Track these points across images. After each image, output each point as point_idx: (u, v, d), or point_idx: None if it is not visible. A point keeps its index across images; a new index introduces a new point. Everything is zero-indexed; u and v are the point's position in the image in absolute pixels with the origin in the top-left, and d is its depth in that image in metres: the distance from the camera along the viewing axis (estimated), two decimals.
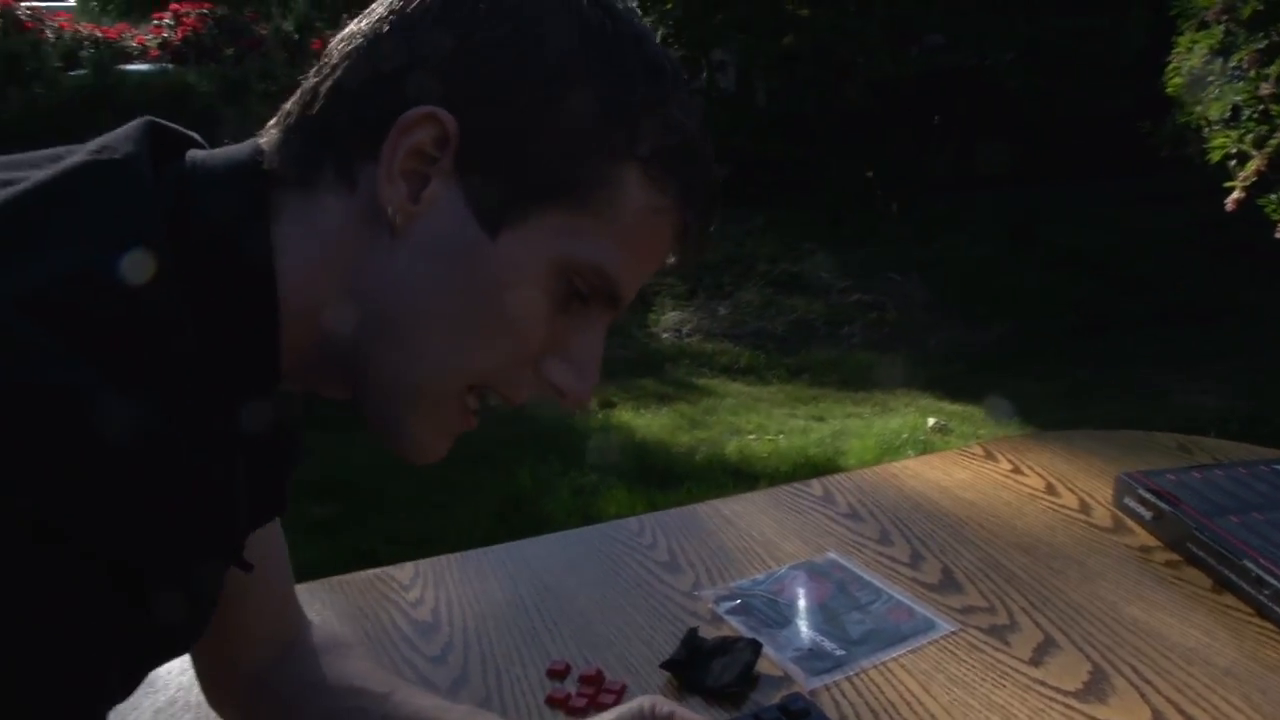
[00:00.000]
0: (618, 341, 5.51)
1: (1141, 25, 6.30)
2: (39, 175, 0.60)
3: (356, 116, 0.67)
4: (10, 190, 0.59)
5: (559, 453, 3.94)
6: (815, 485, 1.50)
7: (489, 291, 0.67)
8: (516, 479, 3.69)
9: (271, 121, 0.70)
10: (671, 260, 0.73)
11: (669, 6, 7.09)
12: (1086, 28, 6.26)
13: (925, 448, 3.88)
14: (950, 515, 1.40)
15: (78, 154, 0.63)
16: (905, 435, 4.08)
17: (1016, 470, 1.54)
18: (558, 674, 1.08)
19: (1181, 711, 1.02)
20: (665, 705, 0.89)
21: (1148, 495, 1.36)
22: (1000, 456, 1.58)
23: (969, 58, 6.75)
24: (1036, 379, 4.94)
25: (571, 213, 0.67)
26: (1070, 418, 3.79)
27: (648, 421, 4.42)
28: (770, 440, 4.10)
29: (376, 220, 0.67)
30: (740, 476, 3.73)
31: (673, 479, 3.74)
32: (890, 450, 3.87)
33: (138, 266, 0.59)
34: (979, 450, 1.61)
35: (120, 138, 0.65)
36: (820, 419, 4.43)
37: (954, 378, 4.99)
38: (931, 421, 4.23)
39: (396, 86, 0.66)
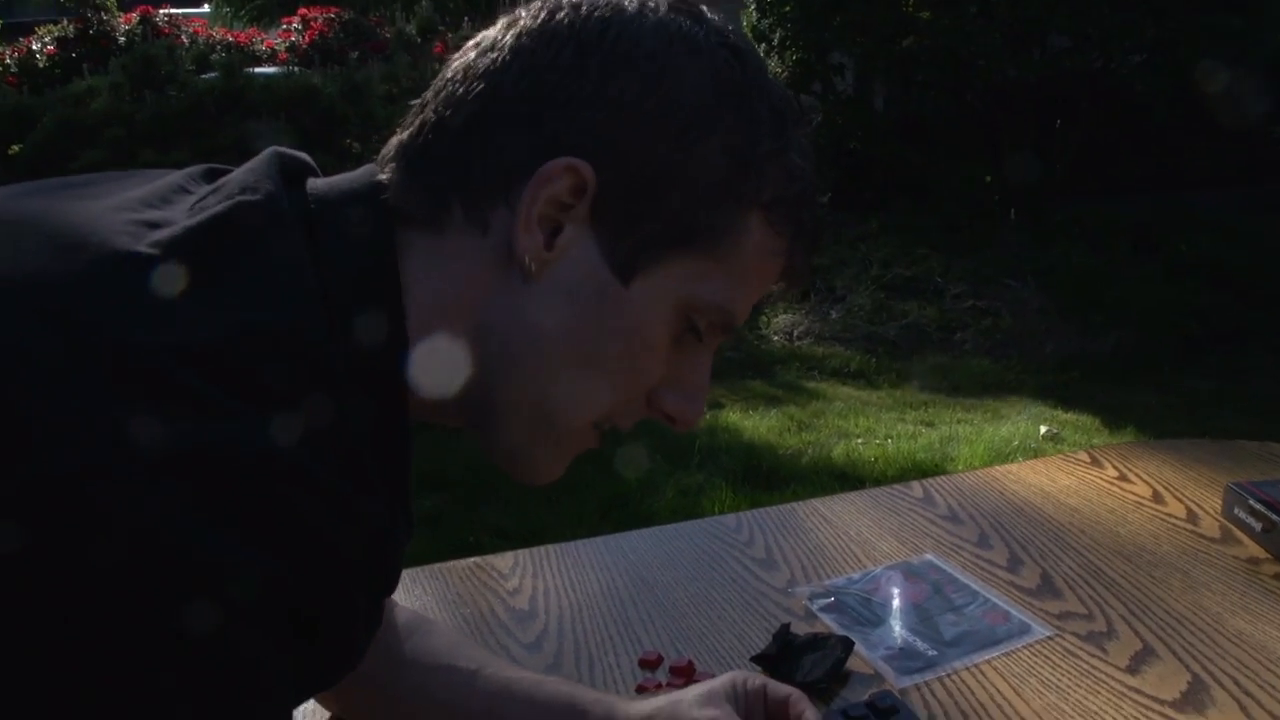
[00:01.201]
0: (728, 344, 5.51)
1: (1278, 24, 6.09)
2: (186, 221, 0.61)
3: (489, 160, 0.68)
4: (160, 235, 0.60)
5: (666, 452, 3.96)
6: (915, 487, 1.49)
7: (621, 334, 0.70)
8: (624, 480, 3.71)
9: (388, 150, 0.72)
10: (777, 288, 0.76)
11: (787, 9, 7.05)
12: (1219, 27, 6.06)
13: (1036, 455, 3.81)
14: (1052, 520, 1.38)
15: (219, 197, 0.64)
16: (1016, 442, 4.01)
17: (1123, 477, 1.51)
18: (649, 664, 1.09)
19: None
20: (756, 679, 0.90)
21: (1258, 506, 1.32)
22: (1107, 463, 1.56)
23: (1094, 60, 6.59)
24: (1154, 390, 4.82)
25: (700, 257, 0.69)
26: (1187, 429, 3.68)
27: (755, 423, 4.41)
28: (878, 445, 4.07)
29: (509, 264, 0.68)
30: (845, 480, 3.70)
31: (778, 481, 3.74)
32: (1000, 457, 3.81)
33: (306, 322, 0.60)
34: (1085, 457, 1.59)
35: (258, 174, 0.66)
36: (929, 424, 4.38)
37: (1068, 386, 4.89)
38: (1044, 429, 4.16)
39: (533, 130, 0.67)
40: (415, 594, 1.22)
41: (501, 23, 0.72)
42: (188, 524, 0.51)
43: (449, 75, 0.71)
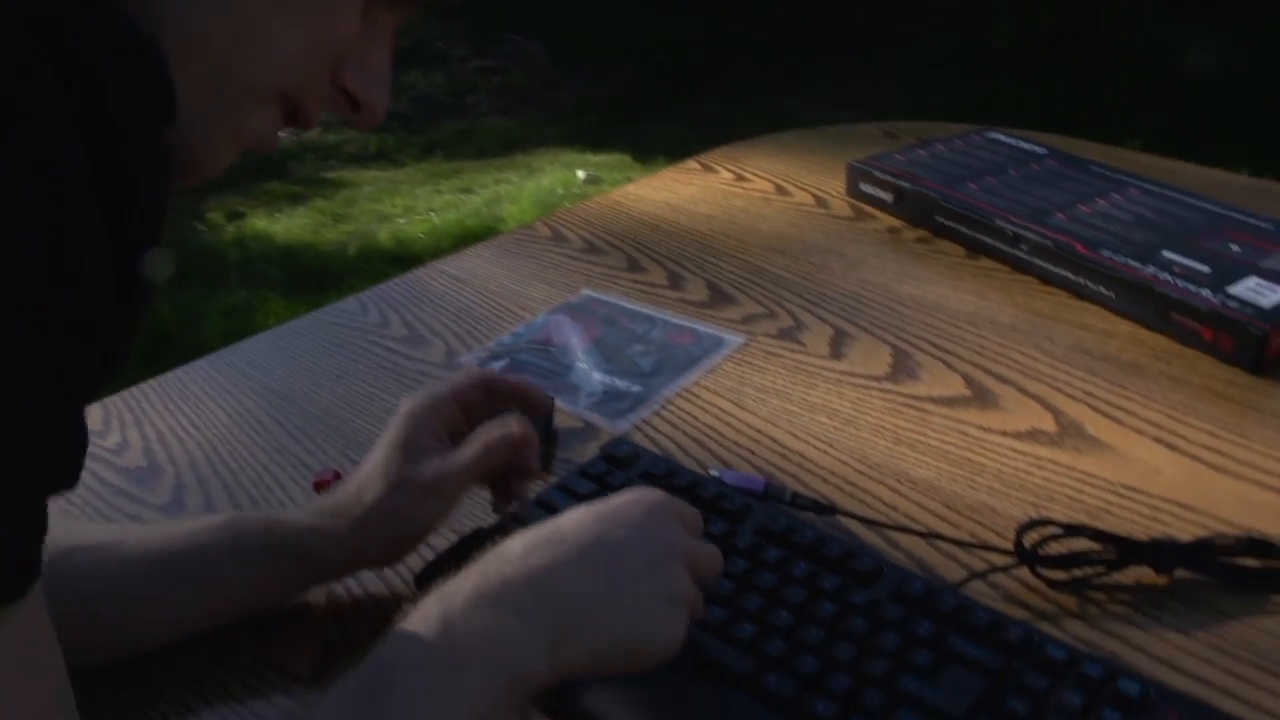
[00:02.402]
0: None
1: None
2: None
3: None
4: None
5: (196, 276, 3.60)
6: (540, 227, 1.36)
7: None
8: (158, 312, 3.34)
9: None
10: None
11: None
12: None
13: (581, 199, 3.81)
14: (693, 231, 1.31)
15: None
16: (560, 191, 3.98)
17: (740, 178, 1.46)
18: (327, 485, 0.91)
19: (988, 371, 1.00)
20: (420, 401, 0.76)
21: (885, 177, 1.31)
22: (718, 167, 1.50)
23: None
24: (672, 120, 4.94)
25: None
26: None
27: (286, 225, 4.10)
28: (422, 220, 3.91)
29: None
30: (401, 262, 3.52)
31: (330, 279, 3.50)
32: (547, 208, 3.77)
33: None
34: (695, 165, 1.52)
35: None
36: (468, 191, 4.26)
37: (591, 130, 4.91)
38: (581, 174, 4.16)
39: None
40: None
41: None
42: None
43: None
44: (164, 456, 0.98)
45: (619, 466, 0.84)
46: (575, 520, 0.62)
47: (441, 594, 0.57)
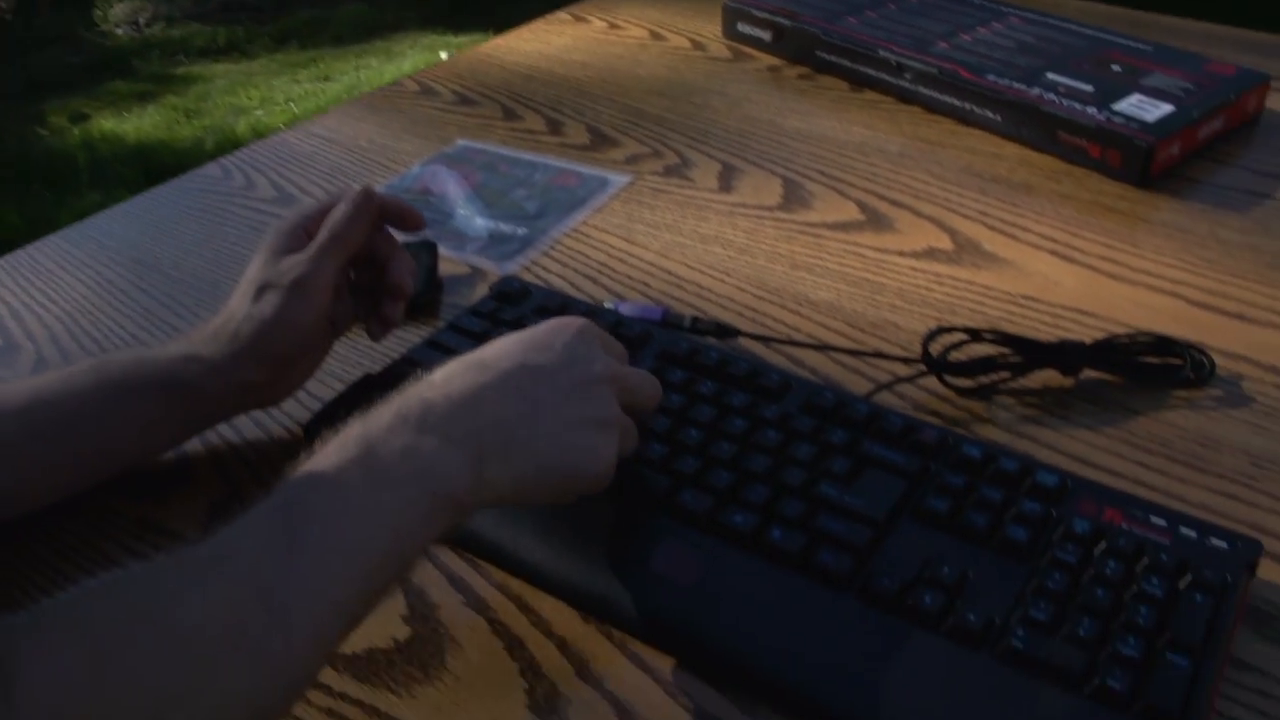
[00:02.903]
0: (65, 50, 4.78)
1: None
2: None
3: None
4: None
5: (44, 182, 3.42)
6: (408, 84, 1.29)
7: None
8: (5, 220, 3.16)
9: None
10: None
11: None
12: None
13: None
14: (569, 79, 1.26)
15: None
16: None
17: (613, 26, 1.41)
18: None
19: (881, 197, 0.98)
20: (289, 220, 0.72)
21: (763, 15, 1.27)
22: (590, 18, 1.44)
23: None
24: None
25: None
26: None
27: (136, 125, 3.91)
28: (282, 110, 3.76)
29: None
30: None
31: None
32: None
33: None
34: (565, 16, 1.46)
35: None
36: (327, 79, 4.10)
37: (448, 15, 4.76)
38: (445, 55, 4.03)
39: None
40: None
41: None
42: None
43: None
44: (20, 333, 0.91)
45: (510, 303, 0.80)
46: (498, 347, 0.58)
47: (362, 419, 0.53)
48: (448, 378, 0.56)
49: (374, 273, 0.74)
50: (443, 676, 0.58)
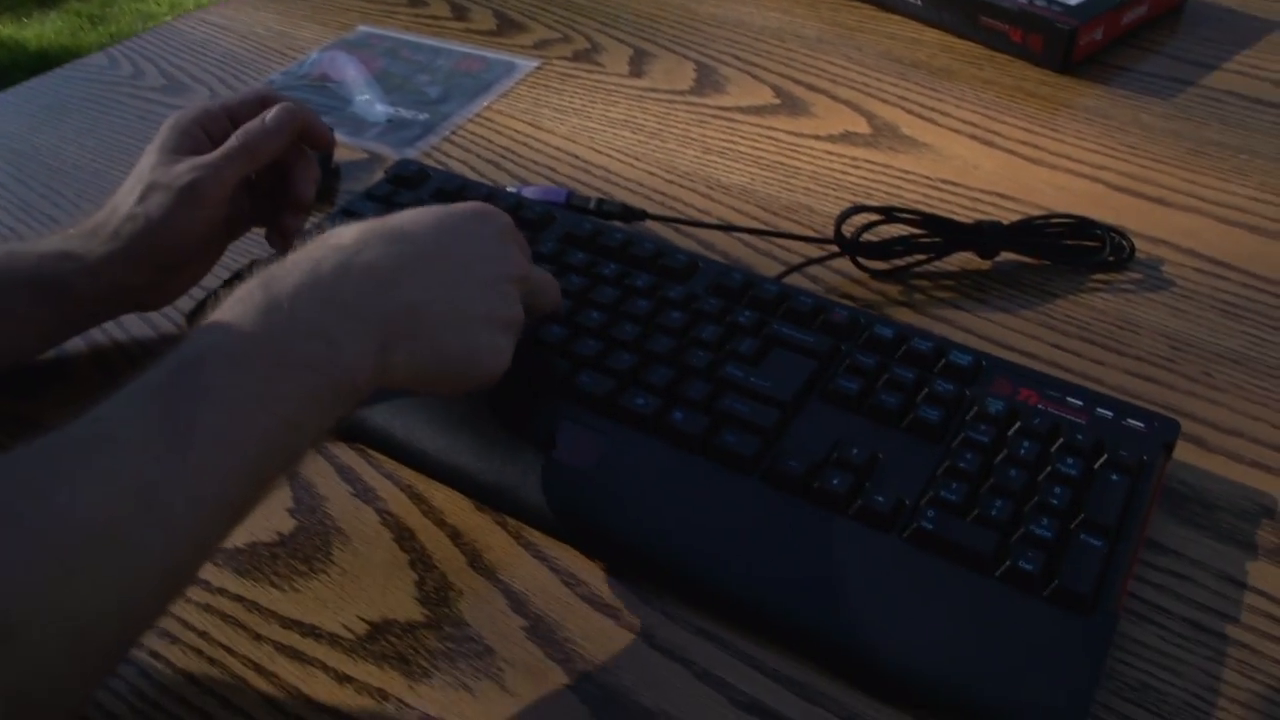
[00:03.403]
0: None
1: None
2: None
3: None
4: None
5: None
6: None
7: None
8: None
9: None
10: None
11: None
12: None
13: None
14: None
15: None
16: None
17: None
18: None
19: (797, 82, 0.94)
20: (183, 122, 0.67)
21: None
22: None
23: None
24: None
25: None
26: None
27: (38, 32, 3.75)
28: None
29: None
30: None
31: None
32: None
33: None
34: None
35: None
36: None
37: None
38: None
39: None
40: None
41: None
42: None
43: None
44: None
45: (407, 186, 0.76)
46: (415, 219, 0.54)
47: (266, 277, 0.48)
48: (362, 243, 0.51)
49: (276, 178, 0.69)
50: (328, 569, 0.55)
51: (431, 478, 0.59)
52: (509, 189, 0.78)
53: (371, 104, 0.92)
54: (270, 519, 0.58)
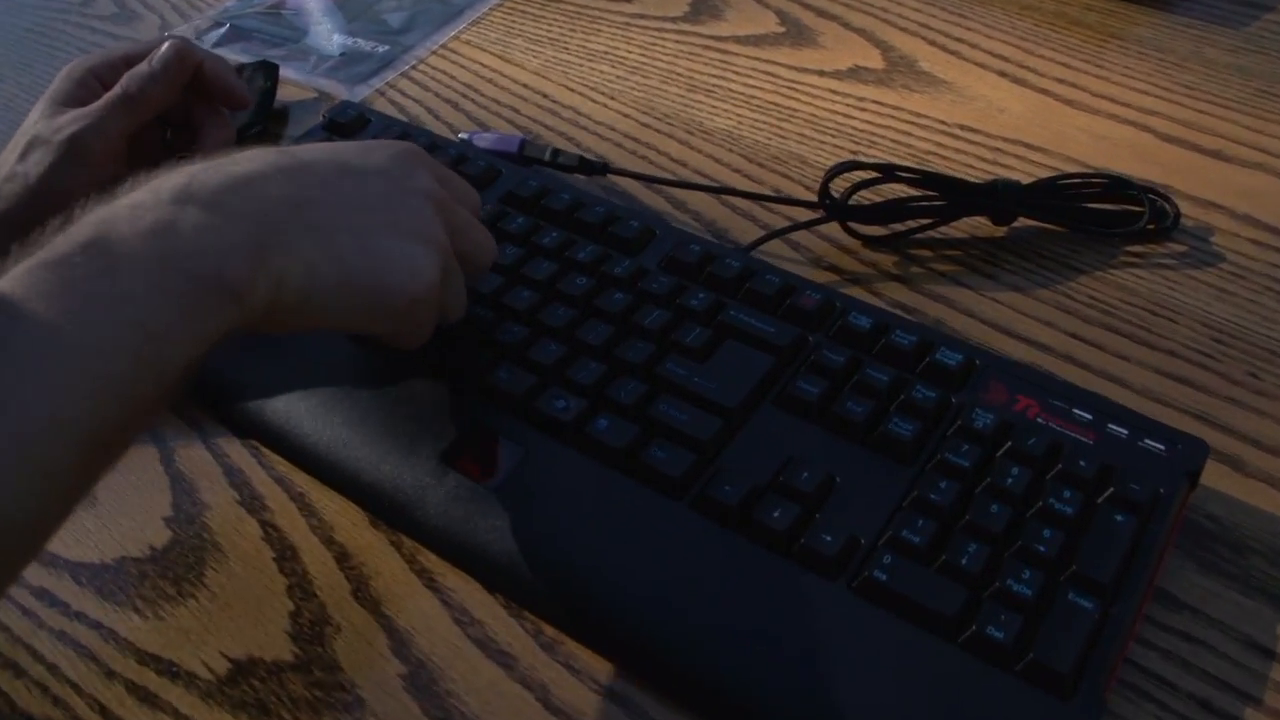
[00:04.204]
0: None
1: None
2: None
3: None
4: None
5: None
6: None
7: None
8: None
9: None
10: None
11: None
12: None
13: None
14: None
15: None
16: None
17: None
18: None
19: (806, 6, 0.84)
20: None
21: None
22: None
23: None
24: None
25: None
26: None
27: None
28: None
29: None
30: None
31: None
32: None
33: None
34: None
35: None
36: None
37: None
38: None
39: None
40: None
41: None
42: None
43: None
44: None
45: (344, 134, 0.67)
46: (309, 148, 0.46)
47: (100, 201, 0.40)
48: (231, 160, 0.43)
49: (190, 138, 0.63)
50: (197, 594, 0.48)
51: (323, 482, 0.51)
52: (460, 136, 0.69)
53: (330, 33, 0.83)
54: (145, 529, 0.50)
